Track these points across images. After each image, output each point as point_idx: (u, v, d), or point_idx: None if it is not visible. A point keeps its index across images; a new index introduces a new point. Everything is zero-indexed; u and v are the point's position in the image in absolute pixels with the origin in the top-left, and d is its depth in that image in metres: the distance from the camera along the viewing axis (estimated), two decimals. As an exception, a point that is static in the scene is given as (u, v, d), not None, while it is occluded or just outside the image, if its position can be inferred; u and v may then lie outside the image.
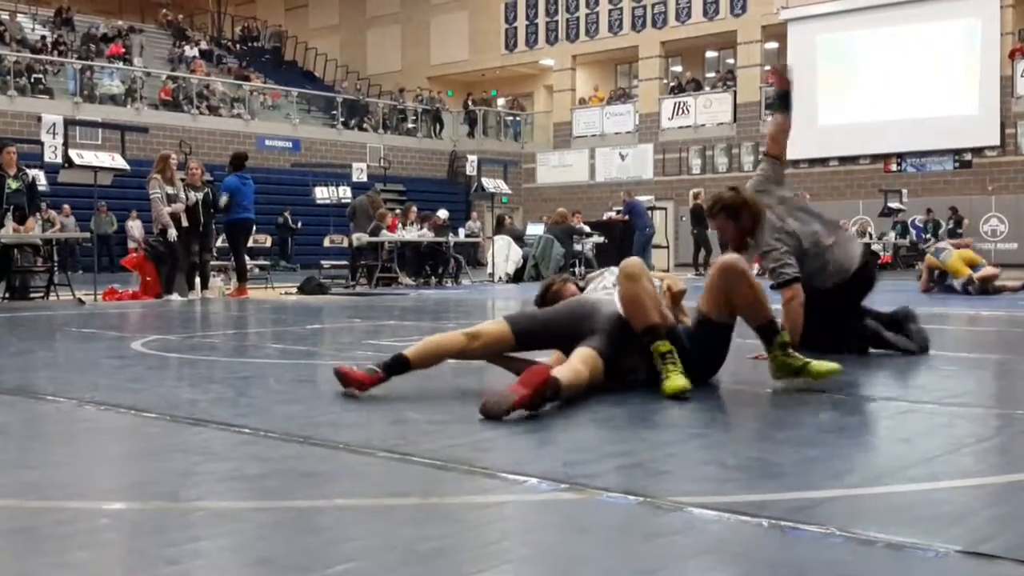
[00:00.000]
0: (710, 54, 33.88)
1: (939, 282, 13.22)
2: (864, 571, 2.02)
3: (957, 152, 26.97)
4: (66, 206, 22.74)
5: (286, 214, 27.21)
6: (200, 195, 12.98)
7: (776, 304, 4.59)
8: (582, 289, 4.81)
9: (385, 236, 16.83)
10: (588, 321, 4.30)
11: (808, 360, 4.26)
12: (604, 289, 4.63)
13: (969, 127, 26.46)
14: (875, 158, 28.21)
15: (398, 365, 4.20)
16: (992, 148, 26.48)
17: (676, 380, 4.04)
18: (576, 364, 3.99)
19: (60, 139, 13.03)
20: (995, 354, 6.47)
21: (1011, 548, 2.08)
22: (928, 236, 25.54)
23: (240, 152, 14.56)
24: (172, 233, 12.27)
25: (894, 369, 5.41)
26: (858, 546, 2.13)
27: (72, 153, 12.68)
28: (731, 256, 4.41)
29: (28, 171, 12.78)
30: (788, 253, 5.24)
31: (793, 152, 30.70)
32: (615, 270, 4.89)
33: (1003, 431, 3.64)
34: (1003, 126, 26.28)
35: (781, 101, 6.17)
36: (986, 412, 4.10)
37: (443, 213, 19.71)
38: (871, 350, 5.84)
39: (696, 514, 2.38)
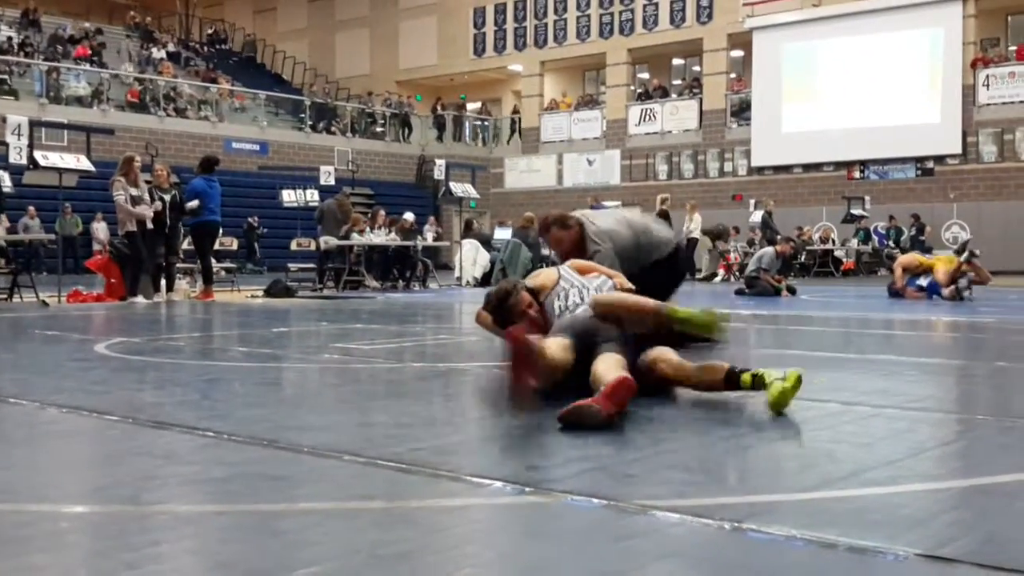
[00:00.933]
0: (676, 61, 34.07)
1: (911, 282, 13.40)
2: (825, 574, 2.04)
3: (919, 160, 27.27)
4: (31, 207, 22.52)
5: (250, 219, 27.08)
6: (167, 197, 12.88)
7: None
8: (532, 292, 4.78)
9: (354, 239, 16.79)
10: (601, 336, 4.26)
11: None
12: (577, 305, 4.60)
13: (931, 135, 26.78)
14: (839, 165, 28.47)
15: None
16: (954, 156, 26.81)
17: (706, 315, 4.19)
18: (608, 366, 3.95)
19: (25, 140, 12.91)
20: (956, 359, 6.54)
21: (970, 552, 2.11)
22: (889, 243, 25.81)
23: (211, 156, 14.45)
24: (149, 214, 12.15)
25: (856, 373, 5.46)
26: (819, 549, 2.15)
27: (37, 154, 12.57)
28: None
29: (-8, 173, 12.67)
30: (610, 253, 5.79)
31: (758, 159, 30.94)
32: (566, 272, 4.88)
33: (963, 435, 3.68)
34: (964, 135, 26.60)
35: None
36: (947, 417, 4.14)
37: (409, 216, 19.65)
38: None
39: (660, 517, 2.39)
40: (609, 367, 3.88)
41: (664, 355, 4.17)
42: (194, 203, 13.00)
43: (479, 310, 5.08)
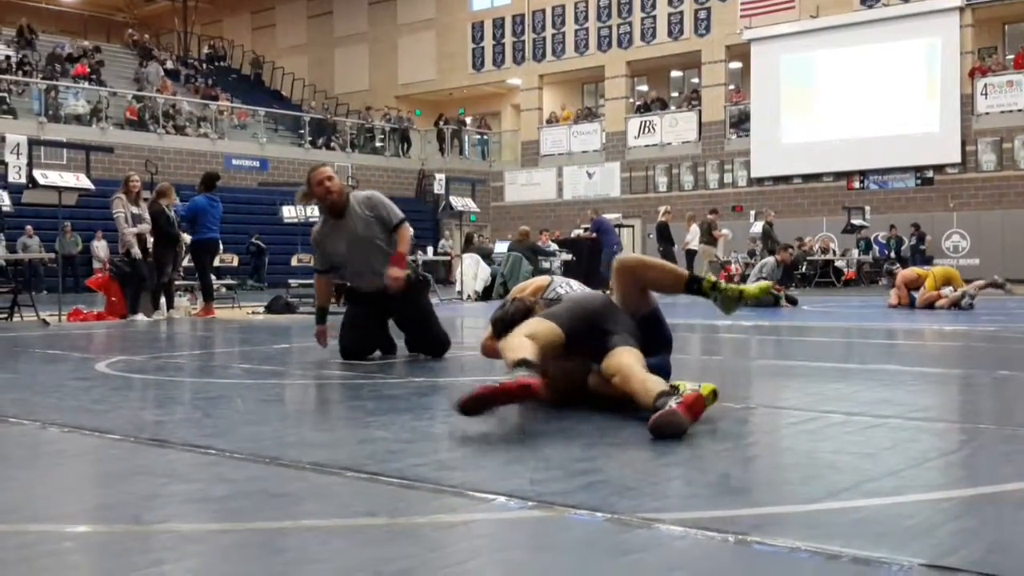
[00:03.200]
0: (675, 73, 34.15)
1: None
2: (830, 585, 2.04)
3: (919, 169, 27.30)
4: (29, 227, 22.53)
5: (255, 240, 27.15)
6: (173, 215, 12.90)
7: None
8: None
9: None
10: (612, 319, 4.25)
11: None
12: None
13: (930, 145, 26.81)
14: (838, 176, 28.51)
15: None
16: (953, 165, 26.83)
17: (753, 288, 4.46)
18: (644, 371, 3.95)
19: (24, 159, 12.93)
20: (958, 368, 6.53)
21: (974, 561, 2.10)
22: (891, 253, 25.82)
23: (212, 172, 14.48)
24: (136, 252, 12.18)
25: (859, 384, 5.45)
26: (824, 561, 2.14)
27: (36, 173, 12.58)
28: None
29: (-9, 192, 12.68)
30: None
31: (757, 170, 30.98)
32: (561, 280, 4.89)
33: (967, 445, 3.67)
34: (964, 143, 26.63)
35: None
36: (950, 426, 4.13)
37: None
38: None
39: (663, 531, 2.38)
40: (636, 372, 3.88)
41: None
42: (187, 238, 13.03)
43: (484, 342, 4.99)
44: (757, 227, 24.15)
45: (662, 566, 2.16)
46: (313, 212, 21.61)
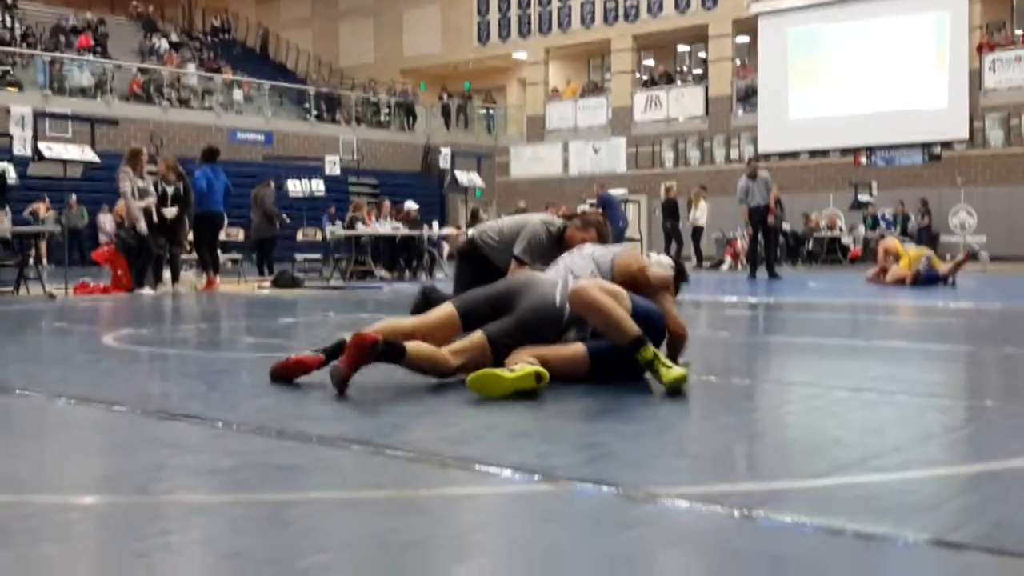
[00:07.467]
0: (682, 48, 33.94)
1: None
2: (834, 560, 2.04)
3: (926, 145, 27.15)
4: (43, 203, 22.48)
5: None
6: (171, 189, 12.84)
7: None
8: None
9: (361, 230, 16.79)
10: (513, 300, 4.39)
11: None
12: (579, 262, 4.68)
13: (938, 121, 26.66)
14: (845, 151, 28.36)
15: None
16: (961, 141, 26.69)
17: (674, 371, 3.96)
18: (447, 347, 4.22)
19: (29, 132, 12.92)
20: (964, 345, 6.53)
21: (979, 537, 2.10)
22: (895, 229, 25.73)
23: (211, 146, 14.48)
24: (142, 226, 12.17)
25: (864, 360, 5.46)
26: (828, 536, 2.14)
27: (42, 146, 12.55)
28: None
29: (-3, 164, 12.67)
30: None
31: (764, 145, 30.69)
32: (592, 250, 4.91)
33: (972, 421, 3.67)
34: (971, 119, 26.48)
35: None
36: (955, 403, 4.14)
37: (409, 204, 19.58)
38: None
39: (668, 504, 2.39)
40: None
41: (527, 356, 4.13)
42: (172, 211, 12.69)
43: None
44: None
45: (667, 539, 2.17)
46: (318, 187, 21.68)
